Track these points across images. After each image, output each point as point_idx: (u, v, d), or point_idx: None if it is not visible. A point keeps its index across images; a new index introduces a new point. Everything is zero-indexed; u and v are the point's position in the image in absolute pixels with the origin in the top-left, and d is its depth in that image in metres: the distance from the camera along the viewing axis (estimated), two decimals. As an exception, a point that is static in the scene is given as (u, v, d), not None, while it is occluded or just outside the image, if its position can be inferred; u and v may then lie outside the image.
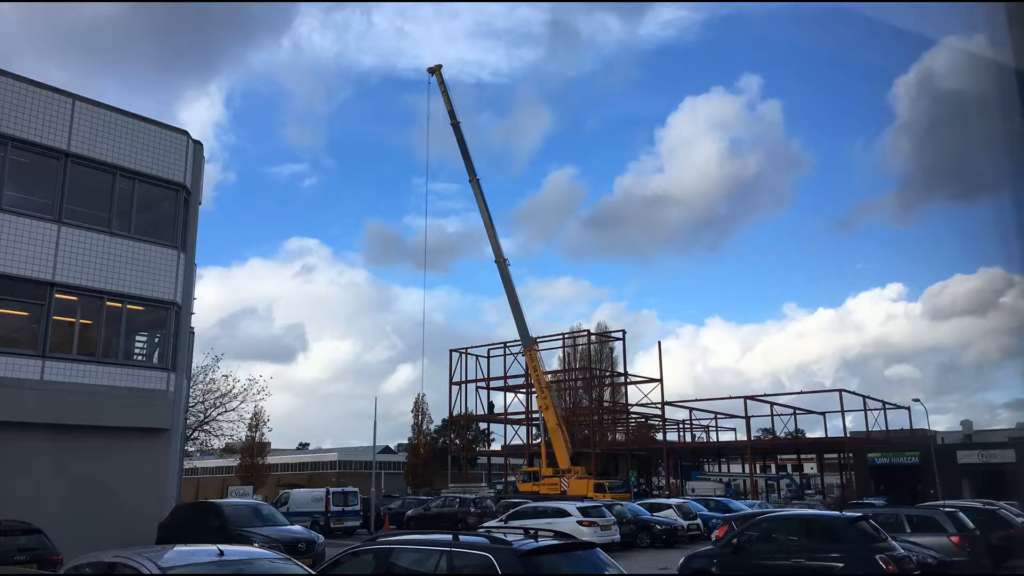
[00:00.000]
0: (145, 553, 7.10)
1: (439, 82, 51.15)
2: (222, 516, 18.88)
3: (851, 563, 12.35)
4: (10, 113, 18.98)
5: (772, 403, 62.59)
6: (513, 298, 50.10)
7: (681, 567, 15.03)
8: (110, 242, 20.42)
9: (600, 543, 13.99)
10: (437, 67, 51.56)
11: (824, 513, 16.55)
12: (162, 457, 21.06)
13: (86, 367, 19.50)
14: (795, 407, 64.49)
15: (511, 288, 50.02)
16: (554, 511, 24.63)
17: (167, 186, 22.04)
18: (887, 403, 63.93)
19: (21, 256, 18.67)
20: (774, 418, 63.86)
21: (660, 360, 66.22)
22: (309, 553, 17.21)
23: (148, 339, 22.42)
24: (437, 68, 51.50)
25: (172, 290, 21.51)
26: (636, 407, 70.18)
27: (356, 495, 37.29)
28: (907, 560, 12.87)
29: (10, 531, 13.97)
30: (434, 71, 51.53)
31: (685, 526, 28.17)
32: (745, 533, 14.27)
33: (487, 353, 73.48)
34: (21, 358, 18.44)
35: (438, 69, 51.46)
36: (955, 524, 16.16)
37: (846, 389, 58.42)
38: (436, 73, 51.38)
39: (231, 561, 6.98)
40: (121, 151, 21.00)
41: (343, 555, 8.65)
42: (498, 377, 71.81)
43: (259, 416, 68.72)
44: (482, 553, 7.41)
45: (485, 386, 73.19)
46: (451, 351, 74.05)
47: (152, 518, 19.14)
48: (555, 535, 8.74)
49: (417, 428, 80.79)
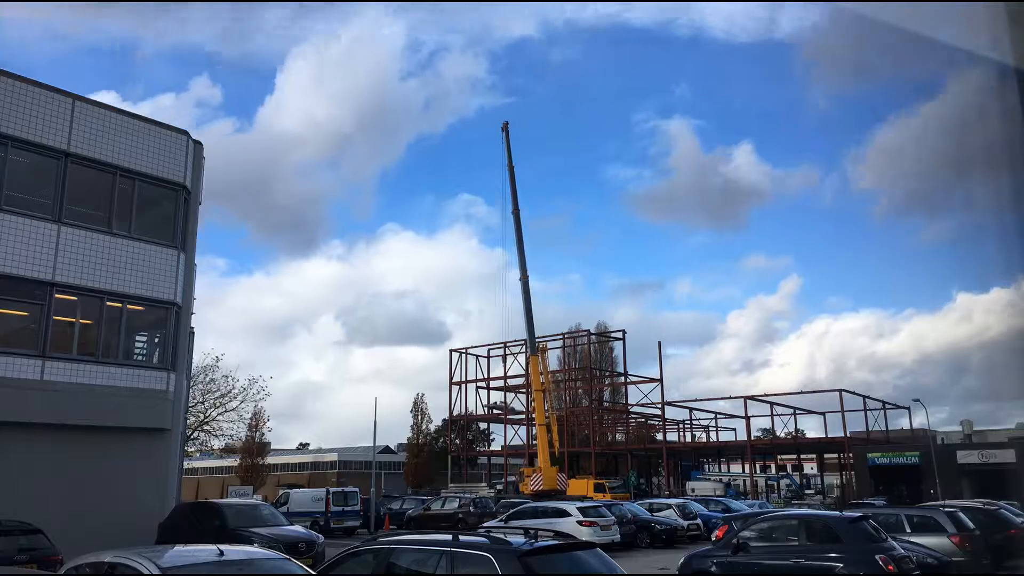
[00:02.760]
0: (145, 553, 7.10)
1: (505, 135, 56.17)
2: (222, 516, 18.89)
3: (851, 563, 12.35)
4: (10, 113, 18.98)
5: (772, 403, 62.67)
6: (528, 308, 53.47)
7: (681, 567, 15.03)
8: (110, 242, 20.42)
9: (600, 543, 13.99)
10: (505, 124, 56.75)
11: (824, 513, 16.54)
12: (162, 457, 21.06)
13: (86, 367, 19.50)
14: (795, 407, 64.56)
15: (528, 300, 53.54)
16: (554, 511, 24.62)
17: (167, 186, 22.03)
18: (887, 403, 63.99)
19: (21, 256, 18.66)
20: (774, 418, 63.99)
21: (660, 360, 66.29)
22: (309, 553, 17.22)
23: (148, 339, 22.41)
24: (505, 125, 56.74)
25: (172, 290, 21.51)
26: (636, 407, 70.26)
27: (356, 495, 37.30)
28: (907, 560, 12.87)
29: (10, 531, 13.99)
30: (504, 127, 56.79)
31: (685, 526, 28.17)
32: (745, 533, 14.27)
33: (487, 353, 73.61)
34: (21, 358, 18.43)
35: (506, 126, 56.68)
36: (955, 524, 16.15)
37: (846, 389, 58.53)
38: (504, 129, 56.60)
39: (231, 561, 6.98)
40: (121, 151, 21.00)
41: (343, 555, 8.65)
42: (498, 377, 71.89)
43: (259, 416, 68.78)
44: (482, 553, 7.41)
45: (485, 386, 73.32)
46: (451, 351, 74.23)
47: (152, 518, 19.15)
48: (555, 535, 8.74)
49: (417, 428, 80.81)
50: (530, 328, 53.94)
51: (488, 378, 73.15)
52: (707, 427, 75.36)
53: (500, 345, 71.46)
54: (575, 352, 75.99)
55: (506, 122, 57.33)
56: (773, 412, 63.19)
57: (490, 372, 73.27)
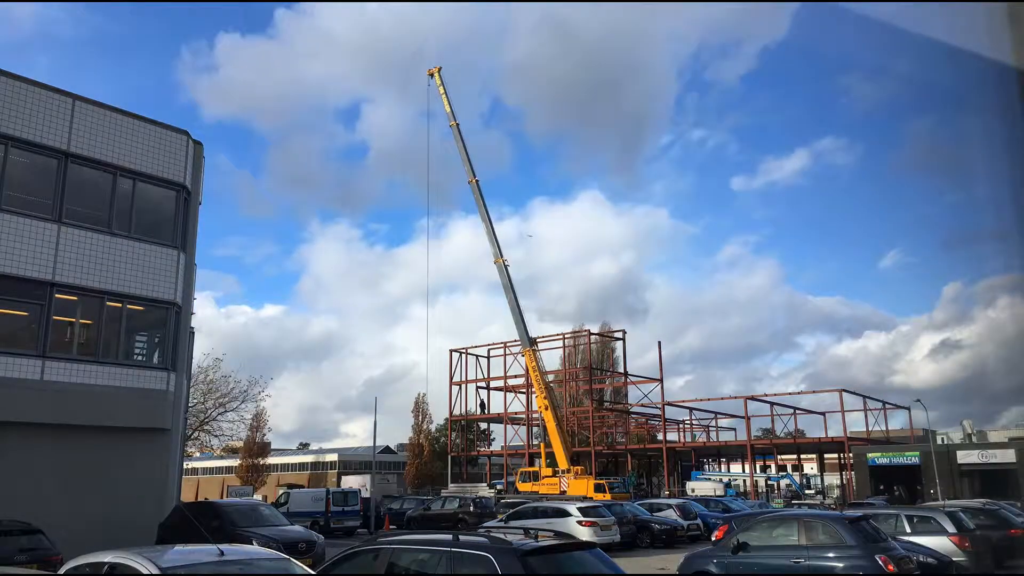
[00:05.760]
0: (145, 553, 7.09)
1: (439, 84, 51.32)
2: (222, 516, 18.90)
3: (851, 563, 12.35)
4: (10, 113, 18.97)
5: (772, 403, 62.63)
6: (512, 298, 50.27)
7: (681, 567, 15.03)
8: (110, 242, 20.41)
9: (600, 543, 13.99)
10: (436, 68, 51.73)
11: (824, 513, 16.54)
12: (162, 457, 21.04)
13: (86, 367, 19.49)
14: (795, 407, 64.54)
15: (510, 288, 50.21)
16: (554, 511, 24.61)
17: (167, 186, 22.02)
18: (887, 403, 63.99)
19: (21, 256, 18.65)
20: (774, 418, 63.93)
21: (660, 360, 66.26)
22: (309, 553, 17.23)
23: (148, 339, 22.40)
24: (436, 69, 51.68)
25: (172, 290, 21.50)
26: (636, 407, 70.19)
27: (356, 495, 37.31)
28: (907, 560, 12.87)
29: (10, 531, 13.98)
30: (433, 73, 51.72)
31: (685, 526, 28.16)
32: (745, 533, 14.26)
33: (487, 353, 73.54)
34: (21, 358, 18.42)
35: (437, 70, 51.64)
36: (955, 524, 16.15)
37: (846, 389, 58.52)
38: (436, 75, 51.56)
39: (231, 561, 6.97)
40: (121, 151, 20.99)
41: (343, 555, 8.64)
42: (498, 377, 71.82)
43: (260, 416, 68.83)
44: (482, 553, 7.40)
45: (485, 386, 73.23)
46: (451, 351, 74.10)
47: (152, 518, 19.14)
48: (555, 535, 8.74)
49: (417, 428, 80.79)
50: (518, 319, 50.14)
51: (488, 378, 73.10)
52: (707, 427, 75.34)
53: (500, 345, 71.47)
54: (576, 351, 75.95)
55: (437, 67, 51.33)
56: (773, 412, 63.22)
57: (490, 372, 73.25)
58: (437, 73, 51.64)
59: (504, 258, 49.96)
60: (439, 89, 51.34)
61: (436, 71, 51.67)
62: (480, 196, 50.17)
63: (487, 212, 50.43)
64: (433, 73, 51.78)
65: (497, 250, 50.21)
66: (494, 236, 50.19)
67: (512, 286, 50.24)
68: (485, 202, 50.41)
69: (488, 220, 50.29)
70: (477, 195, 50.27)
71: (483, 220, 50.36)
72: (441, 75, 51.66)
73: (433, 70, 51.83)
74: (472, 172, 50.34)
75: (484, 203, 50.31)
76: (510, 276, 50.12)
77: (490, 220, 50.40)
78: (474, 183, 50.22)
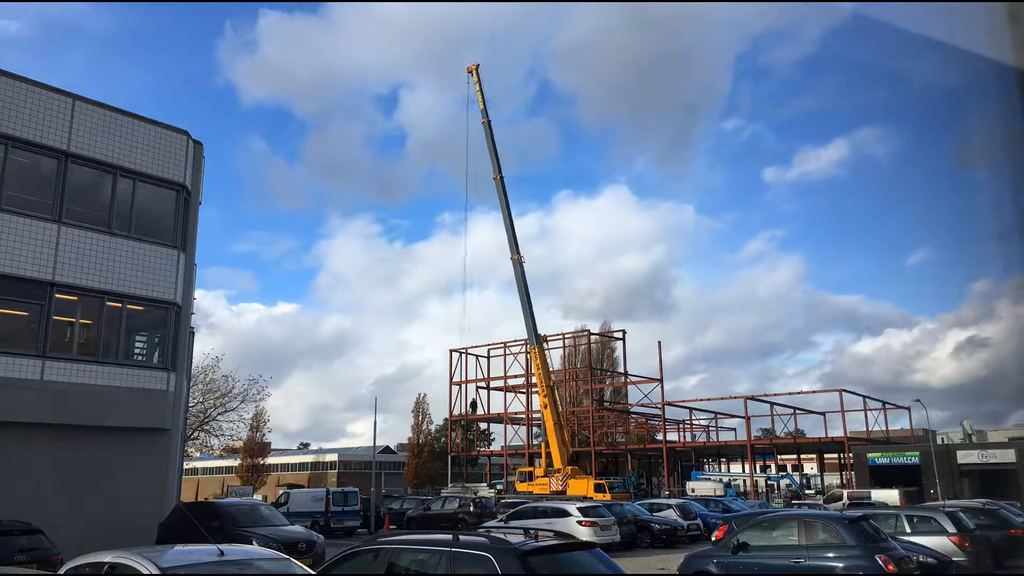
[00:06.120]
0: (145, 553, 7.09)
1: (476, 81, 51.98)
2: (222, 516, 18.90)
3: (851, 563, 12.35)
4: (10, 113, 18.97)
5: (772, 403, 62.64)
6: (524, 295, 50.65)
7: (681, 567, 15.03)
8: (110, 242, 20.41)
9: (600, 543, 13.99)
10: (475, 66, 52.43)
11: (824, 513, 16.54)
12: (162, 457, 21.04)
13: (86, 367, 19.49)
14: (795, 407, 64.55)
15: (524, 286, 50.58)
16: (554, 511, 24.60)
17: (167, 186, 22.01)
18: (887, 403, 64.01)
19: (21, 256, 18.65)
20: (774, 418, 63.93)
21: (660, 359, 66.25)
22: (309, 553, 17.23)
23: (148, 339, 22.40)
24: (475, 67, 52.36)
25: (172, 290, 21.49)
26: (636, 407, 70.19)
27: (356, 495, 37.29)
28: (907, 560, 12.87)
29: (10, 531, 13.97)
30: (471, 70, 52.51)
31: (685, 526, 28.15)
32: (745, 533, 14.26)
33: (487, 353, 73.55)
34: (21, 358, 18.42)
35: (475, 68, 52.33)
36: (955, 524, 16.16)
37: (846, 389, 58.56)
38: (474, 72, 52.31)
39: (231, 561, 6.97)
40: (121, 151, 20.99)
41: (343, 555, 8.64)
42: (498, 377, 71.83)
43: (260, 416, 68.87)
44: (482, 553, 7.40)
45: (485, 386, 73.26)
46: (451, 351, 74.12)
47: (152, 518, 19.13)
48: (555, 535, 8.74)
49: (417, 428, 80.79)
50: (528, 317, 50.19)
51: (488, 378, 73.10)
52: (707, 427, 75.36)
53: (500, 345, 71.48)
54: (576, 351, 75.98)
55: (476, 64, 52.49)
56: (773, 412, 63.22)
57: (490, 372, 73.25)
58: (475, 71, 52.42)
59: (520, 255, 50.37)
60: (476, 87, 52.15)
61: (475, 68, 52.54)
62: (503, 193, 51.00)
63: (508, 209, 51.23)
64: (471, 70, 52.58)
65: (515, 247, 50.59)
66: (513, 233, 50.68)
67: (525, 283, 50.54)
68: (508, 199, 51.24)
69: (509, 216, 50.93)
70: (500, 192, 50.95)
71: (504, 216, 50.99)
72: (479, 72, 52.59)
73: (472, 67, 52.65)
74: (498, 169, 51.07)
75: (507, 200, 51.08)
76: (524, 273, 50.52)
77: (511, 217, 51.03)
78: (498, 179, 50.83)
